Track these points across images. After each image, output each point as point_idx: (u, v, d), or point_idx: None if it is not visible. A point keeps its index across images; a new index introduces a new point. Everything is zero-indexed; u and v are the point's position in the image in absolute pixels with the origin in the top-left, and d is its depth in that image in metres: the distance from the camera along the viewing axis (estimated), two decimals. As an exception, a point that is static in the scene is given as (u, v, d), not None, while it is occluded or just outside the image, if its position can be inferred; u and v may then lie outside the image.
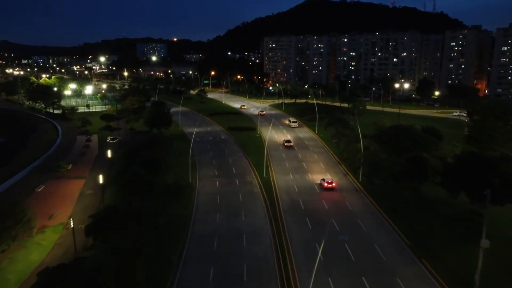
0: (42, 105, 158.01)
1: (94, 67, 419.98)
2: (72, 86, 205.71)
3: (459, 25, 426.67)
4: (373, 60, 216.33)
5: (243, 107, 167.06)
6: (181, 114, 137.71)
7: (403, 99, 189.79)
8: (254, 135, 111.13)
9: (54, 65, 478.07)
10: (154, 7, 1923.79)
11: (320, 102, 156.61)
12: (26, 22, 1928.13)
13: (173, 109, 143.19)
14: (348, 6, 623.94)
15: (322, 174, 75.46)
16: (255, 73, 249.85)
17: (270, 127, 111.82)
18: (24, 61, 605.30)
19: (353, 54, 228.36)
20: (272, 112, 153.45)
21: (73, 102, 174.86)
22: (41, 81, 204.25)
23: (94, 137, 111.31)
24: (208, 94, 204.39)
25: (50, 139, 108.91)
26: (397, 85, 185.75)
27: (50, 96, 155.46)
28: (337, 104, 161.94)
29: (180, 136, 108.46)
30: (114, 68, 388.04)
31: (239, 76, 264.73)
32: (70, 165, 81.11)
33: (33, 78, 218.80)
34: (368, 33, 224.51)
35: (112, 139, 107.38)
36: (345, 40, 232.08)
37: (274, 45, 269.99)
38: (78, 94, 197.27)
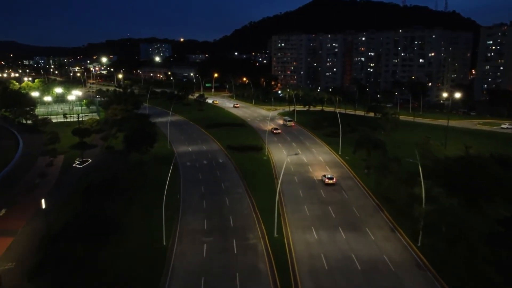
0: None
1: (92, 68, 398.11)
2: (58, 90, 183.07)
3: (473, 24, 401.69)
4: (395, 61, 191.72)
5: (215, 102, 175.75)
6: (175, 125, 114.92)
7: (430, 105, 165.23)
8: (261, 158, 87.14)
9: (53, 66, 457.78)
10: (160, 7, 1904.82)
11: (339, 110, 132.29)
12: (33, 23, 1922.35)
13: (164, 119, 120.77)
14: (358, 5, 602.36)
15: (359, 231, 51.62)
16: (262, 75, 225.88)
17: (283, 149, 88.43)
18: (25, 62, 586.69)
19: (372, 54, 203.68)
20: (281, 122, 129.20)
21: (56, 109, 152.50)
22: (23, 85, 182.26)
23: (60, 159, 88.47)
24: (210, 99, 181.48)
25: (1, 163, 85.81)
26: (445, 94, 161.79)
27: (23, 103, 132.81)
28: (360, 113, 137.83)
29: (167, 158, 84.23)
30: (112, 69, 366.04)
31: (244, 79, 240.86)
32: (4, 210, 58.12)
33: (14, 81, 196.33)
34: (389, 30, 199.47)
35: (81, 163, 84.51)
36: (363, 38, 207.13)
37: (283, 45, 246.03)
38: (62, 100, 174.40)
